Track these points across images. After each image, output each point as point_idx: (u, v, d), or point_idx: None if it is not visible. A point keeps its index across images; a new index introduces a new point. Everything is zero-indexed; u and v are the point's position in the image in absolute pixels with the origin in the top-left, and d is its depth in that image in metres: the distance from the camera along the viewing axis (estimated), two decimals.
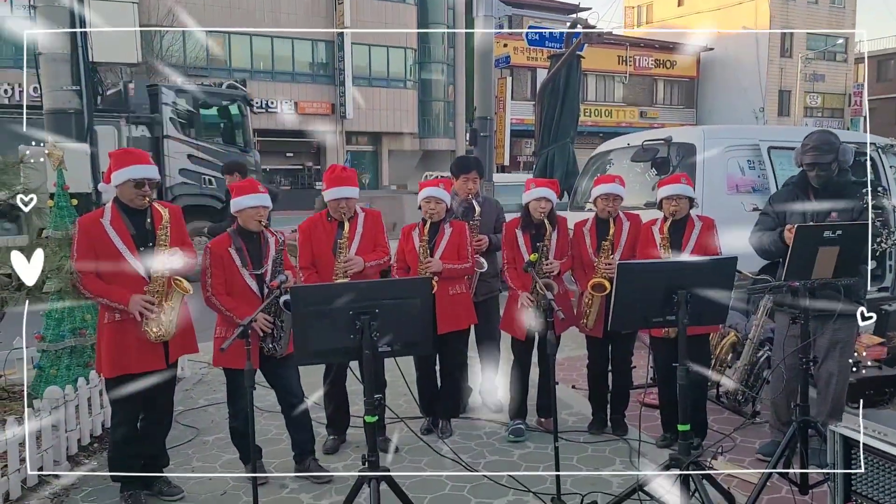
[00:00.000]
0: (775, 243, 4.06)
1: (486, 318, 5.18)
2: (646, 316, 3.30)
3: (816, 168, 4.02)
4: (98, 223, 3.68)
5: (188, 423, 5.12)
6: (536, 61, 31.70)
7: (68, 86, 6.05)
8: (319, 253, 4.40)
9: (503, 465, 4.31)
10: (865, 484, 2.95)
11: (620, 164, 7.41)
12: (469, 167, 5.12)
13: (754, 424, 4.80)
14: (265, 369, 4.10)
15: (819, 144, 4.01)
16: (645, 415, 4.76)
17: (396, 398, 4.78)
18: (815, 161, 4.01)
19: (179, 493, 4.01)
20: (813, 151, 4.01)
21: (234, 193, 4.02)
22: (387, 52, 32.45)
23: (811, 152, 4.02)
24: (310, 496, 3.99)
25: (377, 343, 2.94)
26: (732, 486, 3.76)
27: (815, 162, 4.01)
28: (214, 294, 3.93)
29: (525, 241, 4.63)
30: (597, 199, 4.66)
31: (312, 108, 30.75)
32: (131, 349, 3.69)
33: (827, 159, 3.99)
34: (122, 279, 3.67)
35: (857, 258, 3.64)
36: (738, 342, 5.20)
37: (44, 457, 4.17)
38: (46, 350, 4.96)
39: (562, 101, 9.14)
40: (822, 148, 3.99)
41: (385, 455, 4.31)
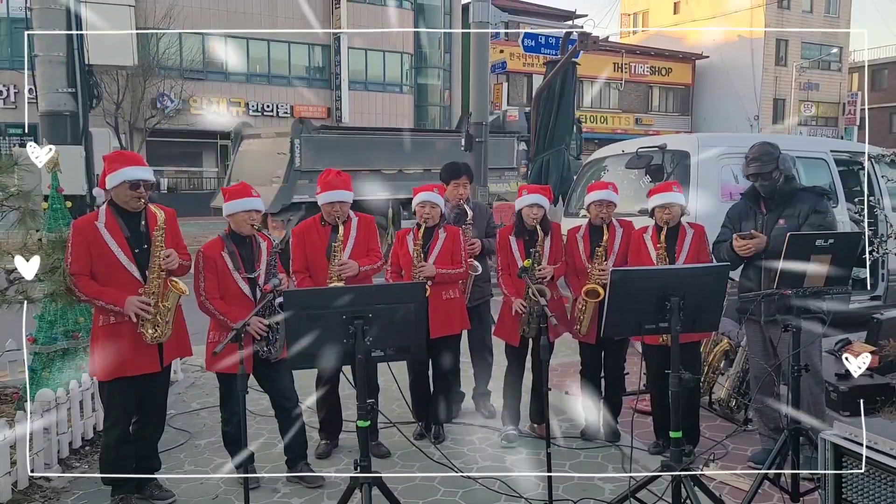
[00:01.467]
0: (728, 253, 4.20)
1: (479, 323, 5.19)
2: (639, 323, 3.30)
3: (759, 178, 4.18)
4: (93, 225, 3.68)
5: (180, 426, 5.10)
6: (532, 67, 31.77)
7: (64, 88, 6.04)
8: (313, 257, 4.41)
9: (495, 471, 4.31)
10: (856, 491, 2.96)
11: (615, 170, 7.43)
12: (459, 173, 5.14)
13: (746, 432, 4.81)
14: (259, 373, 4.10)
15: (759, 156, 4.17)
16: (637, 421, 4.77)
17: (389, 403, 4.78)
18: (757, 172, 4.17)
19: (171, 496, 3.99)
20: (754, 163, 4.18)
21: (227, 197, 4.01)
22: (383, 56, 32.50)
23: (753, 164, 4.18)
24: (301, 500, 3.99)
25: (370, 348, 2.94)
26: (724, 493, 3.77)
27: (758, 172, 4.17)
28: (208, 298, 3.93)
29: (518, 248, 4.64)
30: (590, 205, 4.67)
31: (308, 112, 30.71)
32: (126, 352, 3.67)
33: (768, 168, 4.14)
34: (117, 281, 3.66)
35: (849, 266, 3.68)
36: (731, 349, 5.21)
37: (35, 459, 4.15)
38: (38, 353, 4.95)
39: (557, 108, 9.15)
40: (762, 159, 4.15)
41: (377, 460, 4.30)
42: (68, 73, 6.07)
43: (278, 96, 30.14)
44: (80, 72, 6.16)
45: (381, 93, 32.27)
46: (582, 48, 9.52)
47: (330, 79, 31.27)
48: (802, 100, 39.39)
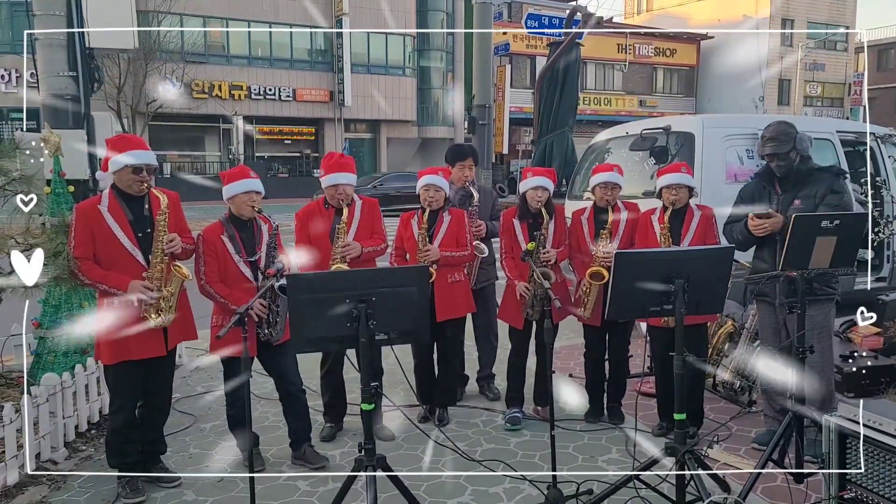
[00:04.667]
0: (742, 233, 4.13)
1: (484, 306, 5.18)
2: (643, 305, 3.29)
3: (776, 158, 4.10)
4: (96, 209, 3.67)
5: (185, 410, 5.12)
6: (536, 49, 31.59)
7: (65, 72, 6.00)
8: (316, 239, 4.39)
9: (499, 453, 4.32)
10: (860, 473, 2.96)
11: (619, 152, 7.38)
12: (464, 154, 5.12)
13: (750, 413, 4.82)
14: (263, 357, 4.10)
15: (776, 135, 4.08)
16: (641, 403, 4.78)
17: (394, 386, 4.78)
18: (774, 152, 4.09)
19: (177, 479, 4.01)
20: (771, 143, 4.09)
21: (226, 180, 4.00)
22: (385, 39, 32.32)
23: (769, 143, 4.10)
24: (306, 483, 4.01)
25: (374, 331, 2.94)
26: (728, 475, 3.77)
27: (774, 153, 4.09)
28: (208, 282, 3.92)
29: (522, 230, 4.63)
30: (595, 187, 4.65)
31: (311, 96, 30.66)
32: (132, 336, 3.67)
33: (785, 149, 4.06)
34: (121, 265, 3.66)
35: (854, 248, 3.66)
36: (735, 332, 5.20)
37: (41, 443, 4.17)
38: (44, 337, 4.96)
39: (560, 90, 9.11)
40: (780, 138, 4.07)
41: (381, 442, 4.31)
42: (69, 56, 6.02)
43: (280, 79, 30.02)
44: (81, 55, 6.11)
45: (384, 76, 32.13)
46: (585, 29, 9.45)
47: (332, 62, 31.13)
48: (808, 80, 39.12)
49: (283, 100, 30.06)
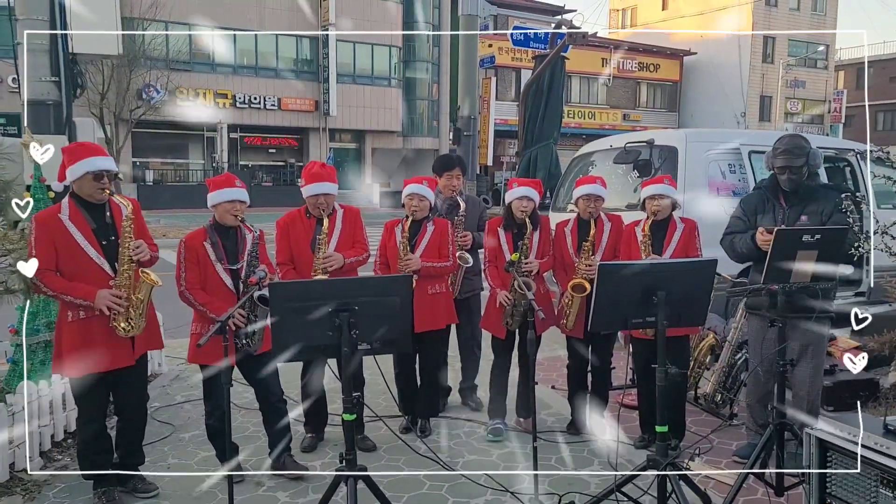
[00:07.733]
0: (747, 246, 4.08)
1: (468, 316, 5.17)
2: (625, 317, 3.30)
3: (787, 171, 4.04)
4: (56, 218, 3.56)
5: (164, 419, 5.06)
6: (521, 62, 31.75)
7: (47, 77, 5.96)
8: (298, 249, 4.37)
9: (482, 465, 4.30)
10: (840, 486, 2.98)
11: (603, 165, 7.43)
12: (452, 164, 5.14)
13: (731, 426, 4.83)
14: (243, 366, 4.06)
15: (791, 148, 4.02)
16: (623, 415, 4.78)
17: (375, 396, 4.76)
18: (786, 164, 4.02)
19: (154, 489, 3.95)
20: (784, 155, 4.02)
21: (212, 187, 3.96)
22: (371, 49, 32.36)
23: (783, 156, 4.03)
24: (286, 494, 3.96)
25: (356, 341, 2.92)
26: (709, 487, 3.78)
27: (787, 165, 4.02)
28: (188, 289, 3.88)
29: (507, 241, 4.63)
30: (578, 199, 4.67)
31: (296, 105, 30.59)
32: (98, 347, 3.58)
33: (798, 163, 4.00)
34: (85, 275, 3.55)
35: (835, 262, 3.67)
36: (717, 344, 5.23)
37: (16, 452, 4.10)
38: (20, 344, 4.88)
39: (545, 102, 9.17)
40: (794, 151, 4.00)
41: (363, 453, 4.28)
42: (52, 61, 5.98)
43: (265, 88, 29.96)
44: (64, 61, 6.08)
45: (370, 86, 32.15)
46: (570, 43, 9.53)
47: (318, 71, 31.11)
48: (789, 97, 39.63)
49: (268, 108, 29.97)
